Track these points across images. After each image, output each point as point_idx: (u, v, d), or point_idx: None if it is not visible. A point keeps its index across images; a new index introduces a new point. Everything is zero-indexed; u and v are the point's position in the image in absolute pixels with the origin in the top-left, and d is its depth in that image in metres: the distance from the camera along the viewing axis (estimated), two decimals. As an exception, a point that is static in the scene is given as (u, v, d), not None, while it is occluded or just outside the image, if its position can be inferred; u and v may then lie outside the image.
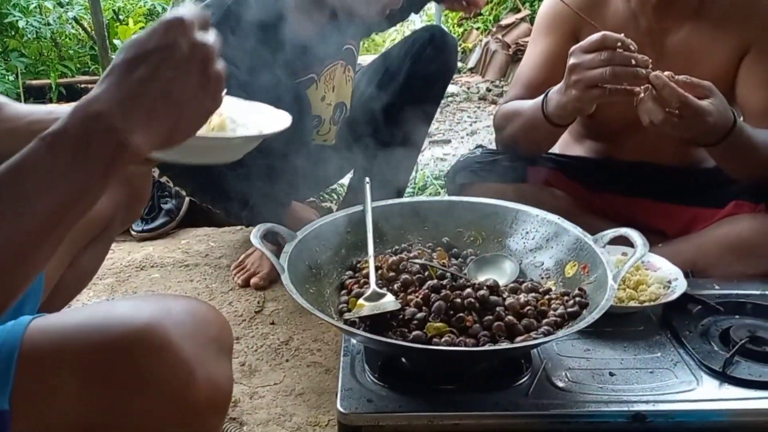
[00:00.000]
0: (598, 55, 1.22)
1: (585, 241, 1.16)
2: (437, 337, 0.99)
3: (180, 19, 0.60)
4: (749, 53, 1.43)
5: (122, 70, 0.58)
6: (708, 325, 1.15)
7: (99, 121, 0.56)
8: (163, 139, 0.61)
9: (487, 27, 5.41)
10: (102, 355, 0.60)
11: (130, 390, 0.60)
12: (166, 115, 0.59)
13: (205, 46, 0.60)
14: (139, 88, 0.58)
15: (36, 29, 3.93)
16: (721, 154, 1.37)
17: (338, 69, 1.74)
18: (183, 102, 0.60)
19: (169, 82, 0.59)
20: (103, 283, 1.75)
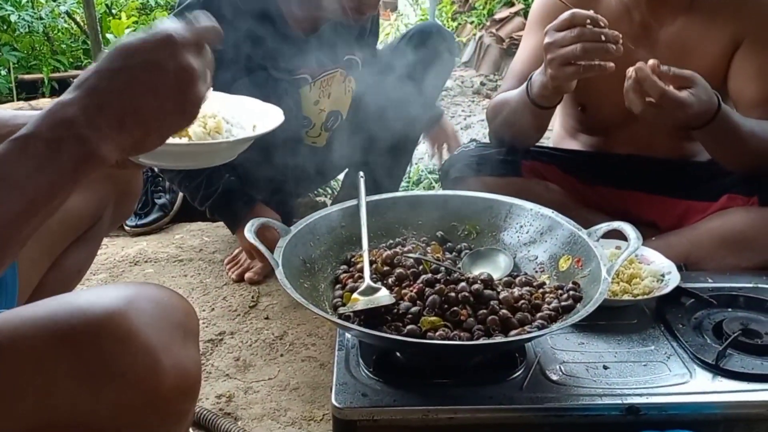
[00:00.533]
0: (569, 32, 1.23)
1: (579, 234, 1.16)
2: (432, 331, 0.99)
3: (172, 38, 0.60)
4: (742, 46, 1.44)
5: (102, 77, 0.59)
6: (701, 318, 1.16)
7: (69, 128, 0.58)
8: (132, 147, 0.62)
9: (480, 21, 5.40)
10: (64, 347, 0.59)
11: (96, 381, 0.60)
12: (137, 127, 0.61)
13: (190, 70, 0.61)
14: (114, 99, 0.59)
15: (28, 23, 3.90)
16: (707, 139, 1.38)
17: (337, 77, 1.73)
18: (155, 119, 0.61)
19: (145, 98, 0.60)
20: (97, 279, 1.75)
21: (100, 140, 0.58)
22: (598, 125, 1.64)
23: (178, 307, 0.67)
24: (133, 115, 0.60)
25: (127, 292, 0.64)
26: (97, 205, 1.04)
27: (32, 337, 0.60)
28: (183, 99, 0.62)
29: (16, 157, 0.56)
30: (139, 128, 0.61)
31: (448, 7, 5.82)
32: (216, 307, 1.60)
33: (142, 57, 0.60)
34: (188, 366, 0.64)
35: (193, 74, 0.61)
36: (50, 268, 1.01)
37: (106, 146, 0.59)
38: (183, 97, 0.62)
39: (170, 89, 0.61)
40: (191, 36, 0.62)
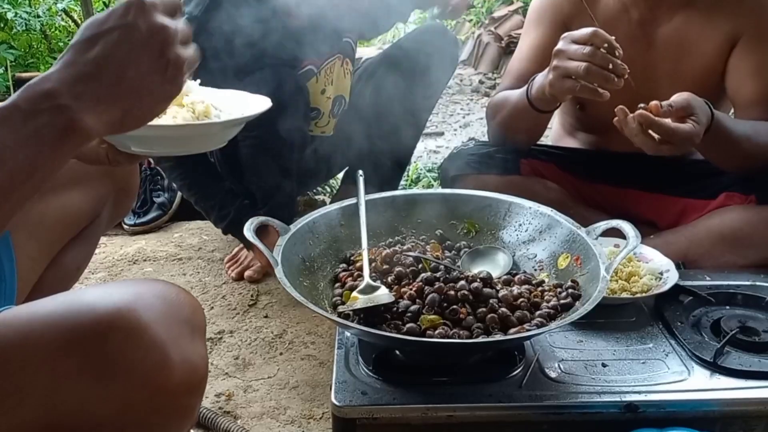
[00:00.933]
0: (582, 48, 1.22)
1: (577, 233, 1.16)
2: (431, 329, 0.99)
3: (140, 1, 0.59)
4: (739, 43, 1.44)
5: (77, 50, 0.58)
6: (699, 315, 1.16)
7: (48, 98, 0.56)
8: (118, 120, 0.60)
9: (479, 19, 5.40)
10: (72, 344, 0.59)
11: (104, 377, 0.60)
12: (119, 96, 0.59)
13: (164, 28, 0.60)
14: (91, 68, 0.58)
15: (25, 21, 3.89)
16: (701, 146, 1.38)
17: (336, 63, 1.74)
18: (138, 84, 0.59)
19: (123, 62, 0.58)
20: (96, 278, 1.75)
21: (82, 110, 0.57)
22: (597, 123, 1.64)
23: (185, 303, 0.67)
24: (114, 80, 0.58)
25: (135, 289, 0.64)
26: (95, 202, 1.04)
27: (40, 335, 0.60)
28: (162, 60, 0.60)
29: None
30: (124, 96, 0.59)
31: (447, 5, 5.81)
32: (215, 306, 1.60)
33: (113, 23, 0.59)
34: (196, 361, 0.65)
35: (167, 32, 0.60)
36: (49, 266, 1.01)
37: (89, 116, 0.57)
38: (162, 57, 0.60)
39: (147, 50, 0.59)
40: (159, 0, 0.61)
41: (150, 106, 0.62)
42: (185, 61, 0.62)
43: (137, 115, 0.62)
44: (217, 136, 0.88)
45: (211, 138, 0.87)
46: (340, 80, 1.78)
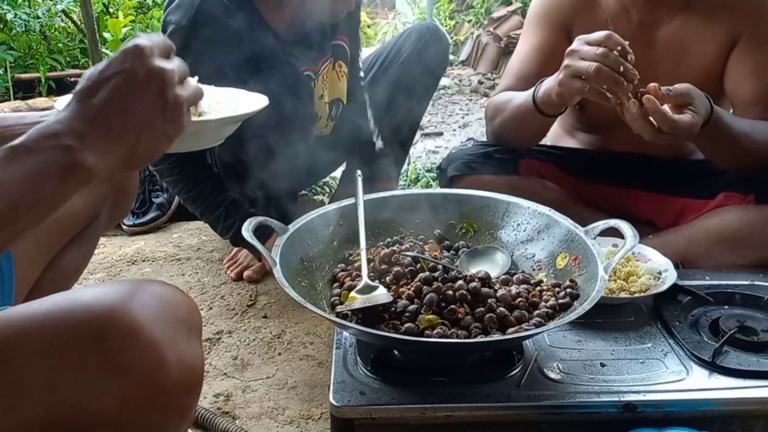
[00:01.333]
0: (595, 48, 1.22)
1: (576, 232, 1.16)
2: (429, 329, 0.99)
3: (137, 46, 0.63)
4: (738, 44, 1.44)
5: (80, 97, 0.62)
6: (698, 315, 1.16)
7: (53, 138, 0.60)
8: (123, 160, 0.64)
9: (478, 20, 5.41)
10: (69, 344, 0.60)
11: (101, 376, 0.60)
12: (120, 136, 0.62)
13: (162, 71, 0.63)
14: (94, 111, 0.61)
15: (25, 22, 3.89)
16: (699, 141, 1.38)
17: (329, 66, 1.74)
18: (139, 125, 0.63)
19: (123, 105, 0.62)
20: (94, 278, 1.75)
21: (84, 150, 0.60)
22: (596, 123, 1.64)
23: (181, 303, 0.68)
24: (115, 122, 0.62)
25: (131, 289, 0.65)
26: (94, 203, 1.04)
27: (37, 334, 0.61)
28: (161, 101, 0.64)
29: (3, 163, 0.59)
30: (125, 136, 0.63)
31: (446, 6, 5.82)
32: (214, 306, 1.60)
33: (113, 69, 0.63)
34: (192, 361, 0.65)
35: (164, 74, 0.64)
36: (47, 267, 1.01)
37: (90, 156, 0.60)
38: (161, 98, 0.64)
39: (146, 93, 0.63)
40: (157, 43, 0.65)
41: (152, 146, 0.65)
42: (184, 101, 0.66)
43: (140, 155, 0.65)
44: (214, 134, 0.88)
45: (207, 135, 0.87)
46: (335, 83, 1.77)
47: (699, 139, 1.35)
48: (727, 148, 1.38)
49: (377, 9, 6.70)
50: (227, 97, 0.94)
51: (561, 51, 1.54)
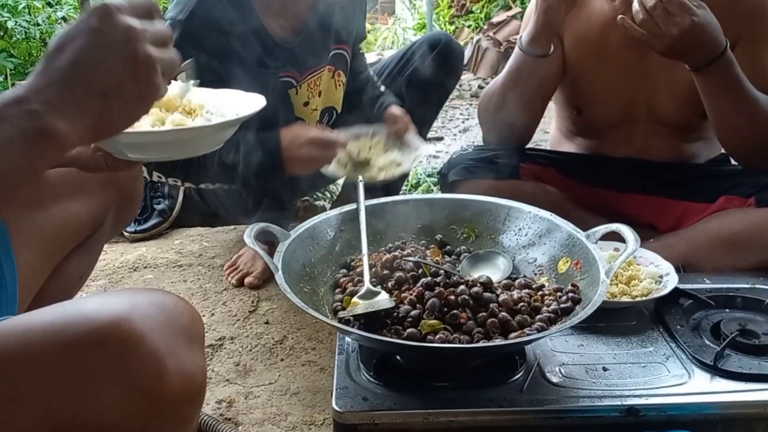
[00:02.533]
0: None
1: (577, 237, 1.16)
2: (431, 334, 0.99)
3: (104, 4, 0.59)
4: (736, 47, 1.45)
5: (46, 61, 0.59)
6: (699, 319, 1.16)
7: (18, 105, 0.56)
8: (92, 125, 0.59)
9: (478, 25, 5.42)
10: (70, 354, 0.60)
11: (101, 386, 0.60)
12: (89, 99, 0.59)
13: (129, 29, 0.59)
14: (59, 74, 0.58)
15: (25, 29, 3.90)
16: (709, 88, 1.37)
17: (325, 74, 1.72)
18: (107, 86, 0.59)
19: (90, 66, 0.58)
20: (96, 285, 1.75)
21: (52, 114, 0.56)
22: (594, 127, 1.65)
23: (183, 313, 0.67)
24: (82, 84, 0.58)
25: (132, 298, 0.64)
26: (98, 211, 1.04)
27: (38, 344, 0.60)
28: (132, 58, 0.59)
29: None
30: (94, 98, 0.59)
31: (446, 11, 5.84)
32: (216, 313, 1.60)
33: (80, 29, 0.59)
34: (193, 371, 0.65)
35: (132, 32, 0.60)
36: (51, 275, 1.01)
37: (59, 121, 0.57)
38: (130, 56, 0.59)
39: (114, 49, 0.59)
40: (133, 3, 0.61)
41: (125, 109, 0.61)
42: (158, 60, 0.61)
43: (113, 119, 0.61)
44: (213, 138, 0.88)
45: (206, 140, 0.88)
46: (330, 92, 1.76)
47: (708, 85, 1.35)
48: (736, 107, 1.37)
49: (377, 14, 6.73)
50: (225, 99, 0.94)
51: (555, 55, 1.55)
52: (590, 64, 1.55)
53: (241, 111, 0.90)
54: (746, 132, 1.41)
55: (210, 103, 0.91)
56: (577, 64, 1.57)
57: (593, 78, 1.56)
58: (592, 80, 1.57)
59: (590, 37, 1.52)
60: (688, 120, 1.55)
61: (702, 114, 1.51)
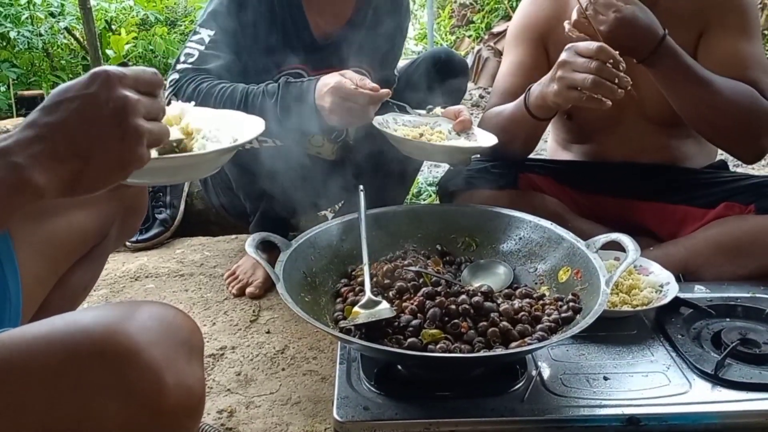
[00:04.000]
0: (588, 61, 1.25)
1: (577, 246, 1.17)
2: (432, 343, 1.00)
3: (105, 71, 0.62)
4: (703, 35, 1.47)
5: (39, 114, 0.62)
6: (700, 328, 1.16)
7: (5, 156, 0.59)
8: (69, 182, 0.62)
9: (479, 35, 5.45)
10: (69, 366, 0.60)
11: (100, 399, 0.60)
12: (70, 159, 0.62)
13: (125, 99, 0.62)
14: (47, 130, 0.61)
15: (27, 39, 3.93)
16: (659, 77, 1.39)
17: None
18: (89, 149, 0.62)
19: (79, 128, 0.61)
20: (98, 295, 1.75)
21: (34, 169, 0.60)
22: (587, 132, 1.66)
23: (182, 325, 0.68)
24: (69, 143, 0.61)
25: (132, 310, 0.65)
26: (103, 222, 1.05)
27: (37, 355, 0.61)
28: (120, 129, 0.63)
29: None
30: (77, 157, 0.62)
31: (447, 22, 5.87)
32: (217, 322, 1.60)
33: (75, 92, 0.62)
34: (192, 384, 0.65)
35: (127, 103, 0.63)
36: (56, 286, 1.02)
37: (40, 175, 0.60)
38: (119, 126, 0.63)
39: (105, 118, 0.62)
40: (129, 73, 0.64)
41: (103, 171, 0.64)
42: (146, 132, 0.64)
43: (90, 178, 0.64)
44: (210, 164, 0.88)
45: (204, 166, 0.88)
46: None
47: (660, 77, 1.37)
48: (693, 94, 1.38)
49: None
50: (224, 120, 0.95)
51: (541, 64, 1.57)
52: None
53: (238, 134, 0.90)
54: (706, 117, 1.42)
55: (207, 126, 0.91)
56: None
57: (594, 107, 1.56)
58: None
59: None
60: (675, 115, 1.55)
61: None
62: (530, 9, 1.64)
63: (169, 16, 4.91)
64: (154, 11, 4.60)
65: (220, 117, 0.95)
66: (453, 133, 1.50)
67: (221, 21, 1.52)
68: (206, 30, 1.52)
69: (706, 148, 1.65)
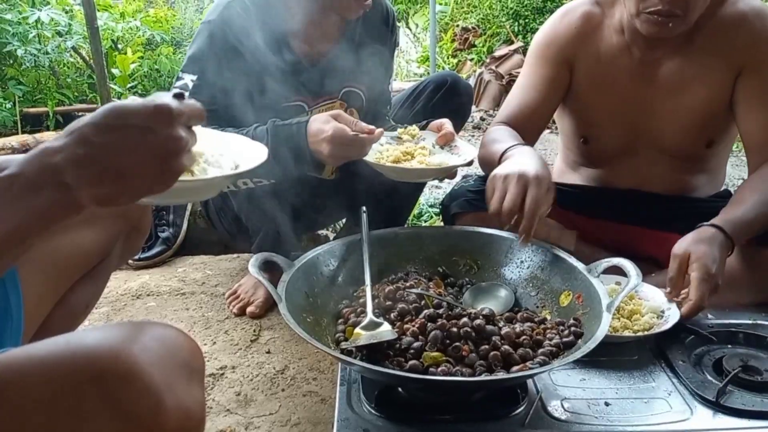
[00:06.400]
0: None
1: (579, 270, 1.17)
2: (434, 366, 0.99)
3: (169, 109, 0.63)
4: (742, 75, 1.47)
5: (94, 131, 0.62)
6: (701, 354, 1.16)
7: (54, 174, 0.60)
8: (105, 199, 0.64)
9: (480, 58, 5.50)
10: (68, 386, 0.60)
11: (98, 420, 0.60)
12: (113, 182, 0.63)
13: (179, 140, 0.64)
14: (100, 153, 0.61)
15: (34, 57, 3.96)
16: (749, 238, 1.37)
17: (336, 107, 1.69)
18: (133, 176, 0.63)
19: (129, 158, 0.62)
20: (99, 312, 1.75)
21: (81, 190, 0.61)
22: (600, 157, 1.66)
23: (183, 347, 0.68)
24: (117, 169, 0.62)
25: (133, 331, 0.65)
26: (106, 241, 1.05)
27: (36, 376, 0.60)
28: (165, 166, 0.64)
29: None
30: (116, 184, 0.63)
31: (449, 45, 5.93)
32: (218, 341, 1.60)
33: (138, 120, 0.62)
34: (192, 406, 0.65)
35: (180, 144, 0.64)
36: (57, 304, 1.02)
37: (85, 196, 0.61)
38: (166, 164, 0.64)
39: (156, 155, 0.63)
40: (185, 111, 0.65)
41: (133, 195, 0.65)
42: (182, 170, 0.66)
43: (120, 198, 0.65)
44: (210, 189, 0.89)
45: (204, 190, 0.89)
46: None
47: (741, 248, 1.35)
48: (761, 226, 1.36)
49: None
50: (230, 144, 0.95)
51: (561, 84, 1.58)
52: (598, 94, 1.57)
53: (241, 160, 0.91)
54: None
55: (210, 150, 0.91)
56: (585, 93, 1.59)
57: (601, 107, 1.58)
58: (599, 110, 1.59)
59: (599, 68, 1.55)
60: (693, 150, 1.57)
61: (706, 144, 1.53)
62: (559, 27, 1.62)
63: (175, 37, 4.96)
64: (160, 31, 4.66)
65: (224, 141, 0.96)
66: (437, 147, 1.52)
67: (202, 64, 1.50)
68: (189, 75, 1.51)
69: (715, 179, 1.66)
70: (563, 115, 1.70)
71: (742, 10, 1.47)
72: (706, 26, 1.47)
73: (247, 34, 1.50)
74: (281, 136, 1.40)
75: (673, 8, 1.35)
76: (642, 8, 1.38)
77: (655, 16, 1.36)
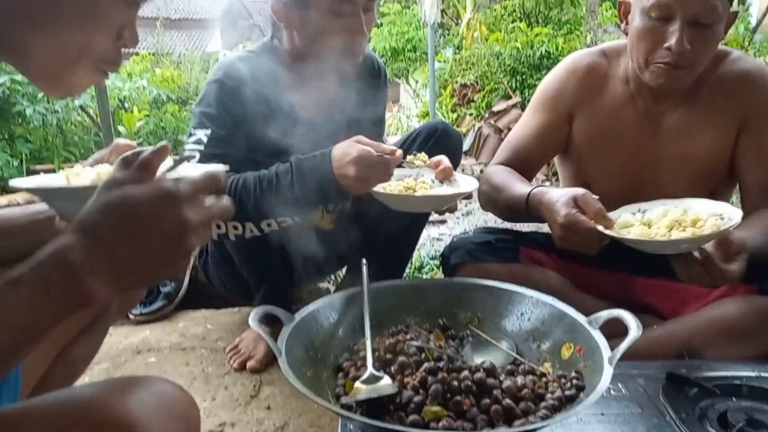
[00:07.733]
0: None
1: (579, 322, 1.17)
2: (435, 421, 0.98)
3: (173, 194, 0.65)
4: (745, 129, 1.51)
5: (108, 227, 0.63)
6: (705, 407, 1.15)
7: (71, 273, 0.61)
8: (118, 290, 0.65)
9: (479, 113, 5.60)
10: None
11: None
12: (129, 275, 0.64)
13: (186, 224, 0.65)
14: (115, 249, 0.63)
15: (42, 116, 4.05)
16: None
17: None
18: (148, 267, 0.65)
19: (142, 250, 0.64)
20: (99, 368, 1.74)
21: (95, 284, 0.62)
22: (603, 203, 1.68)
23: (180, 400, 0.68)
24: (130, 264, 0.64)
25: (131, 386, 0.65)
26: None
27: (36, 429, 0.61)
28: (176, 251, 0.65)
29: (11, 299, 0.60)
30: (131, 275, 0.64)
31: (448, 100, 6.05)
32: (217, 397, 1.58)
33: (146, 211, 0.64)
34: None
35: (188, 227, 0.65)
36: (56, 359, 1.02)
37: (99, 288, 0.63)
38: (176, 248, 0.65)
39: (166, 242, 0.65)
40: (191, 190, 0.66)
41: (149, 280, 0.67)
42: (196, 249, 0.68)
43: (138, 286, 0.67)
44: None
45: None
46: None
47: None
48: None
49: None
50: None
51: (559, 134, 1.62)
52: (602, 143, 1.61)
53: None
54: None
55: None
56: (588, 141, 1.63)
57: (604, 156, 1.61)
58: (603, 158, 1.62)
59: (604, 118, 1.59)
60: (691, 195, 1.58)
61: (709, 193, 1.55)
62: (563, 78, 1.66)
63: (181, 95, 5.08)
64: (167, 90, 4.77)
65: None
66: (436, 182, 1.54)
67: (213, 120, 1.54)
68: (202, 130, 1.53)
69: None
70: (565, 163, 1.73)
71: (745, 67, 1.52)
72: (709, 81, 1.51)
73: (250, 90, 1.55)
74: (305, 167, 1.42)
75: (679, 60, 1.40)
76: (651, 60, 1.43)
77: (662, 67, 1.41)
